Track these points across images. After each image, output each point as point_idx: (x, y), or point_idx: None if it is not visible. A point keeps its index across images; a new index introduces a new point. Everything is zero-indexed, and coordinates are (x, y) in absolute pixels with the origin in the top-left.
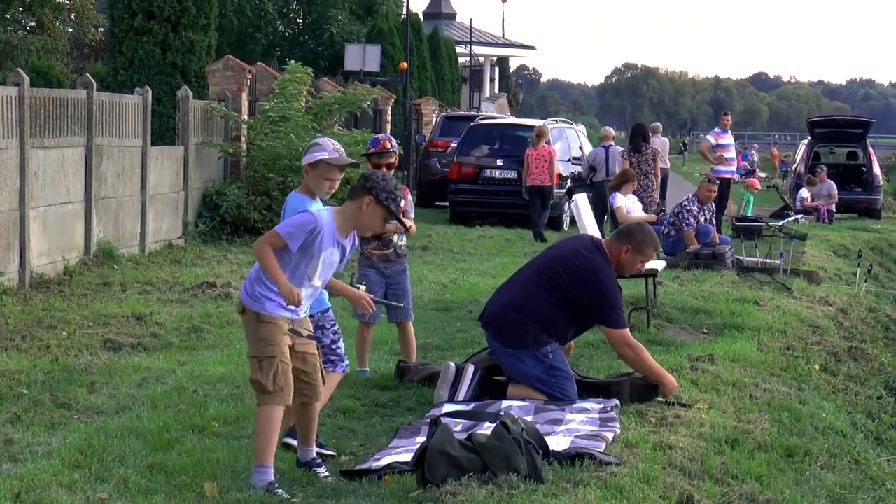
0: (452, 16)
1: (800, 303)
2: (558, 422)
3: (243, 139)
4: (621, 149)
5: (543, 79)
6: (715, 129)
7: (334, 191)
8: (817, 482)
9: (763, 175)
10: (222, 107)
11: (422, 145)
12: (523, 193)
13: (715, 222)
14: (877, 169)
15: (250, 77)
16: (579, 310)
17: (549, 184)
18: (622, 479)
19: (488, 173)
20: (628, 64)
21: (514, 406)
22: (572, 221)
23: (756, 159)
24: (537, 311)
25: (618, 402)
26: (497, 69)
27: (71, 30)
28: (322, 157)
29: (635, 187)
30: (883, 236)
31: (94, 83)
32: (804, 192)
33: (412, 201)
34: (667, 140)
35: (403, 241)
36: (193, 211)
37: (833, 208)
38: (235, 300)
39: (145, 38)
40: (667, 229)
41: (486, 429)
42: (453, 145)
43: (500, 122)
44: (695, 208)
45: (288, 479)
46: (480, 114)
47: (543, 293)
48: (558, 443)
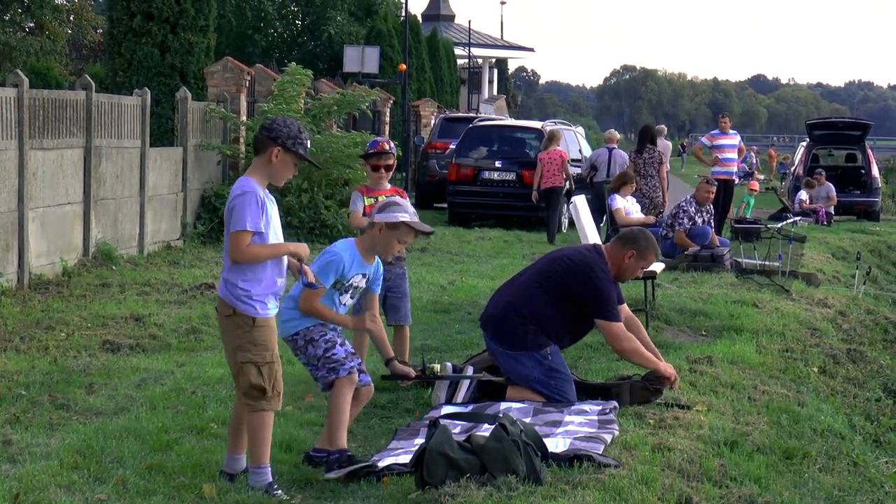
0: (451, 17)
1: (798, 305)
2: (557, 423)
3: (242, 141)
4: (626, 155)
5: (542, 80)
6: (712, 132)
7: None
8: (816, 484)
9: (762, 177)
10: (221, 108)
11: (420, 147)
12: (533, 198)
13: (714, 224)
14: (875, 171)
15: (249, 78)
16: (578, 309)
17: (562, 186)
18: (621, 480)
19: (487, 175)
20: (627, 66)
21: (512, 408)
22: (571, 223)
23: (755, 161)
24: (536, 312)
25: (616, 404)
26: (496, 71)
27: (70, 31)
28: (404, 220)
29: (636, 188)
30: (881, 238)
31: (93, 84)
32: (803, 195)
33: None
34: (669, 143)
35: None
36: (192, 212)
37: (832, 210)
38: (217, 302)
39: (144, 39)
40: (665, 231)
41: (485, 430)
42: (452, 147)
43: (498, 124)
44: (692, 209)
45: (287, 479)
46: (479, 115)
47: (543, 294)
48: (557, 444)
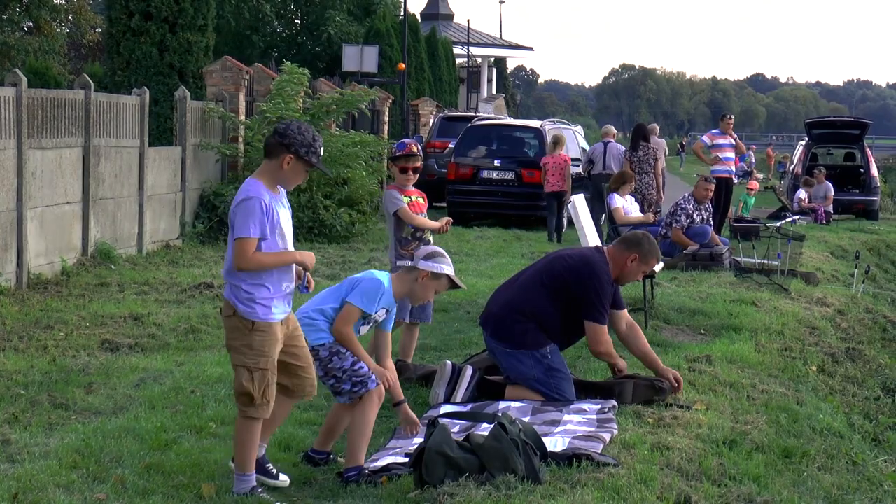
0: (450, 17)
1: (797, 304)
2: (556, 423)
3: (241, 140)
4: (622, 147)
5: (541, 80)
6: (713, 130)
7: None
8: (815, 483)
9: (760, 176)
10: (220, 107)
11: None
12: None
13: (713, 223)
14: (874, 170)
15: (248, 78)
16: (575, 309)
17: (566, 189)
18: (620, 480)
19: (486, 174)
20: (626, 65)
21: (511, 407)
22: (570, 223)
23: (753, 160)
24: (536, 310)
25: (615, 403)
26: (494, 70)
27: (68, 31)
28: (448, 273)
29: (634, 186)
30: (880, 237)
31: (92, 84)
32: (802, 194)
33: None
34: (663, 141)
35: (431, 240)
36: (191, 212)
37: (830, 209)
38: (222, 301)
39: (143, 38)
40: (664, 230)
41: (484, 430)
42: (451, 146)
43: (497, 123)
44: (690, 207)
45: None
46: (478, 115)
47: (543, 292)
48: (556, 444)
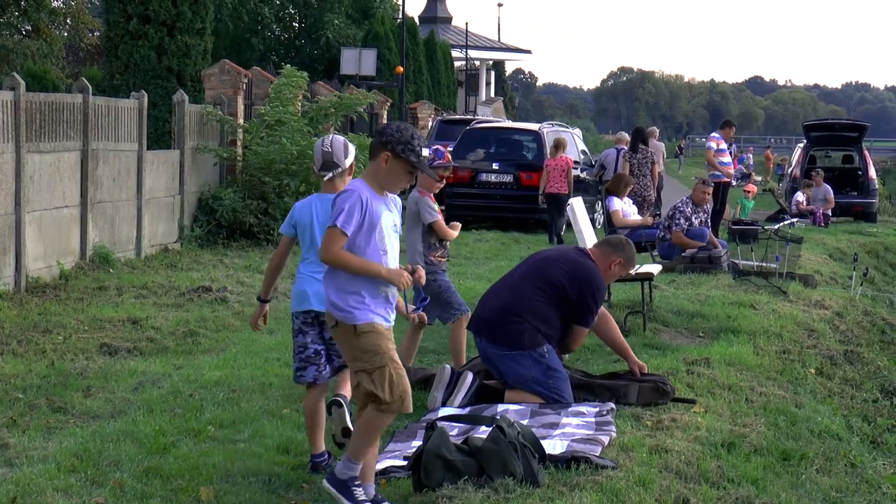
0: (448, 20)
1: (796, 306)
2: (554, 426)
3: (239, 143)
4: (661, 145)
5: (539, 83)
6: (716, 135)
7: None
8: (813, 486)
9: (758, 178)
10: (218, 111)
11: None
12: (540, 201)
13: (710, 225)
14: (872, 172)
15: (246, 81)
16: (571, 312)
17: (566, 192)
18: (618, 482)
19: (484, 177)
20: (624, 68)
21: (510, 410)
22: (568, 225)
23: (751, 163)
24: (531, 308)
25: (613, 405)
26: (493, 73)
27: (66, 34)
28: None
29: (631, 188)
30: (879, 240)
31: (90, 87)
32: (800, 196)
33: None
34: (661, 145)
35: None
36: (189, 215)
37: (829, 212)
38: (327, 316)
39: (141, 42)
40: (662, 233)
41: (483, 432)
42: (449, 149)
43: (495, 126)
44: (688, 210)
45: (284, 481)
46: (476, 118)
47: (539, 294)
48: (554, 446)
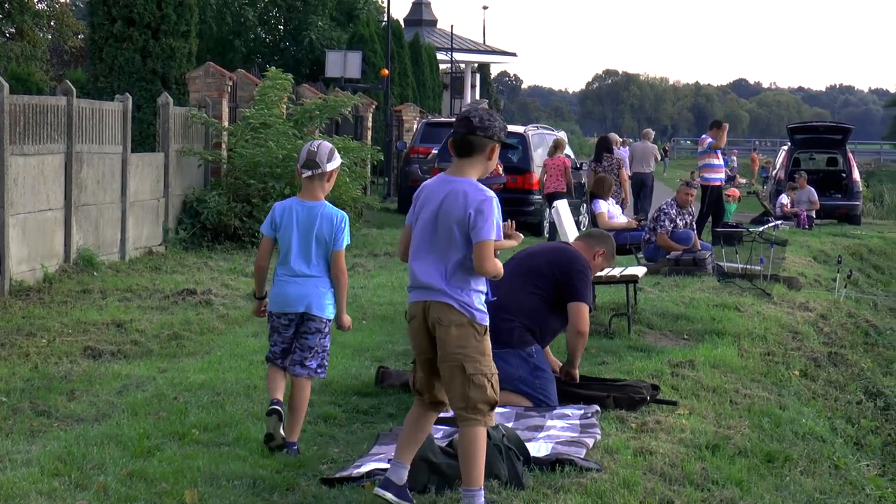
0: (433, 22)
1: (780, 308)
2: (539, 428)
3: (224, 146)
4: (625, 153)
5: (524, 85)
6: (707, 138)
7: None
8: (797, 487)
9: (743, 181)
10: (203, 113)
11: (403, 152)
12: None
13: (696, 227)
14: (856, 175)
15: (231, 84)
16: (561, 296)
17: (563, 191)
18: (603, 485)
19: None
20: (609, 70)
21: (495, 412)
22: (552, 227)
23: (736, 165)
24: (521, 305)
25: (598, 408)
26: (478, 76)
27: (51, 36)
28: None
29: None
30: (862, 242)
31: (74, 90)
32: (784, 198)
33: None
34: (654, 147)
35: None
36: (174, 218)
37: (813, 214)
38: (436, 311)
39: (125, 44)
40: (647, 235)
41: None
42: (434, 151)
43: None
44: (673, 212)
45: (268, 485)
46: None
47: (524, 285)
48: (539, 449)
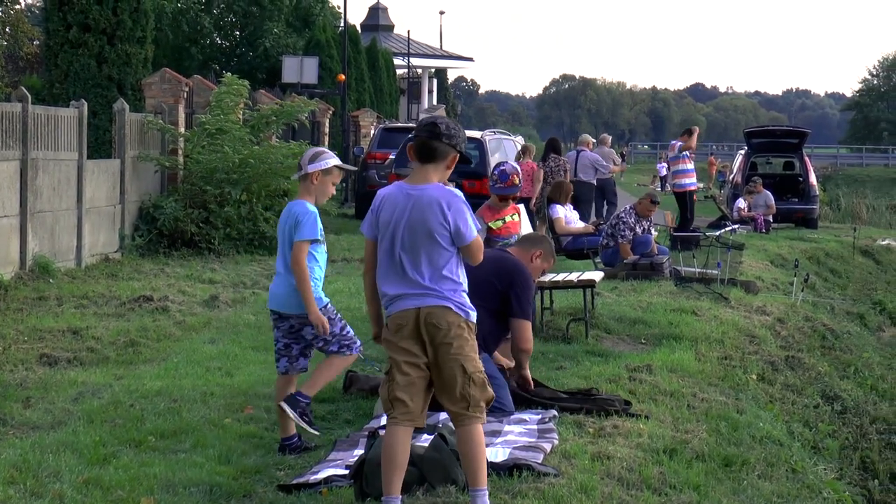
0: (390, 28)
1: (737, 312)
2: (497, 433)
3: (180, 152)
4: (595, 155)
5: (482, 90)
6: (679, 143)
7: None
8: (755, 491)
9: (700, 185)
10: (159, 120)
11: (360, 157)
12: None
13: (654, 233)
14: (813, 179)
15: (187, 90)
16: (504, 308)
17: (531, 196)
18: (560, 490)
19: None
20: (566, 75)
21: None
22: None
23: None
24: None
25: (556, 413)
26: (435, 81)
27: (6, 43)
28: (334, 164)
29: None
30: (819, 246)
31: (29, 96)
32: (741, 203)
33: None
34: (612, 151)
35: None
36: (130, 224)
37: (770, 218)
38: (448, 315)
39: (81, 50)
40: (605, 240)
41: (424, 441)
42: (391, 157)
43: None
44: (631, 220)
45: (226, 491)
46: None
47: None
48: (496, 454)
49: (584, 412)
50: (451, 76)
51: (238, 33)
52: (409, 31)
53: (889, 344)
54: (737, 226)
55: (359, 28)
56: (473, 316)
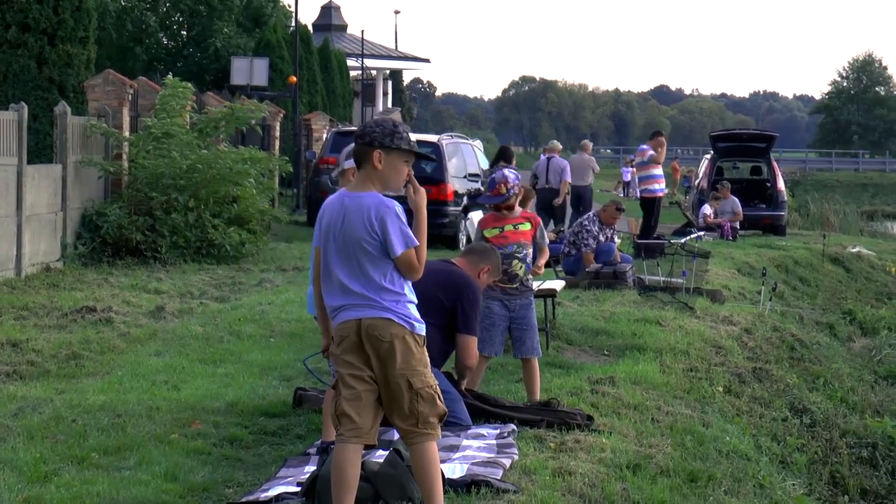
0: (343, 28)
1: (703, 323)
2: (454, 448)
3: (125, 157)
4: (564, 162)
5: (438, 92)
6: (646, 148)
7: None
8: None
9: (665, 191)
10: (102, 123)
11: (312, 162)
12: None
13: (617, 240)
14: (781, 184)
15: (132, 92)
16: (448, 318)
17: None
18: None
19: None
20: (526, 77)
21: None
22: (468, 240)
23: None
24: None
25: (515, 427)
26: (390, 83)
27: None
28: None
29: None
30: (788, 254)
31: None
32: (707, 209)
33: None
34: (592, 159)
35: (529, 275)
36: (72, 232)
37: (737, 225)
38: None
39: (20, 51)
40: (567, 248)
41: (379, 456)
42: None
43: None
44: (595, 228)
45: None
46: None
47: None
48: (454, 470)
49: (545, 425)
50: (407, 78)
51: (185, 33)
52: (363, 32)
53: (859, 355)
54: (702, 233)
55: (311, 28)
56: (420, 328)
